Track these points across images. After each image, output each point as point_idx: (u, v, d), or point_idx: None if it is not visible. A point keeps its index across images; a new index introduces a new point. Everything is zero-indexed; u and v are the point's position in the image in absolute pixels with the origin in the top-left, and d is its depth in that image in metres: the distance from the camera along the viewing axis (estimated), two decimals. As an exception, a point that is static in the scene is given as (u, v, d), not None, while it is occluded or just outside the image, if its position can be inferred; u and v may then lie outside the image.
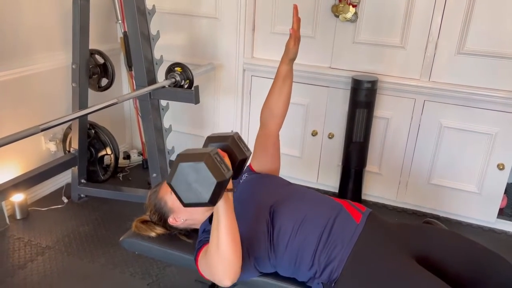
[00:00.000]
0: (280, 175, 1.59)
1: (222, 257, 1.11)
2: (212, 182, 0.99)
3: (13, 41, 2.37)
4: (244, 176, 1.56)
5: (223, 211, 1.09)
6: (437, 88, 2.40)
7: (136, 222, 1.47)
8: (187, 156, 1.02)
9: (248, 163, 1.61)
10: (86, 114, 2.30)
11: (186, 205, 1.03)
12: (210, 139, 1.20)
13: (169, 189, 1.38)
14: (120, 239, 1.51)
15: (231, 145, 1.18)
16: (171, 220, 1.40)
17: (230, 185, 1.09)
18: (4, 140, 1.57)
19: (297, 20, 1.42)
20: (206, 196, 1.00)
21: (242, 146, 1.21)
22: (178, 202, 1.35)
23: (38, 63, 2.50)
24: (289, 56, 1.47)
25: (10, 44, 2.35)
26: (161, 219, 1.42)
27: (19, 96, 2.43)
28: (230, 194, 1.11)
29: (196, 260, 1.27)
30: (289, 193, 1.39)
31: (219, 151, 1.14)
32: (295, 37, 1.43)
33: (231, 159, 1.17)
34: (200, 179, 0.99)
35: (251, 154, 1.24)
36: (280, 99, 1.53)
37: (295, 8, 1.43)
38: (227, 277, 1.12)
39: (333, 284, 1.24)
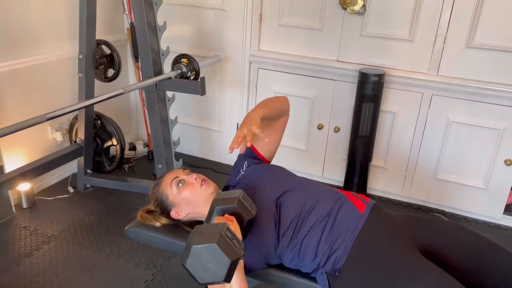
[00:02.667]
0: (282, 167, 1.59)
1: None
2: (226, 262, 1.00)
3: (21, 31, 2.37)
4: (245, 165, 1.52)
5: (236, 281, 1.10)
6: (445, 83, 2.38)
7: (141, 212, 1.47)
8: (199, 237, 1.03)
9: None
10: (92, 104, 2.30)
11: (201, 284, 1.05)
12: (217, 202, 1.21)
13: (169, 183, 1.37)
14: (125, 228, 1.51)
15: (238, 207, 1.18)
16: (173, 214, 1.39)
17: None
18: (11, 128, 1.58)
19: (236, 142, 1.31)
20: (221, 275, 1.01)
21: (248, 206, 1.21)
22: (179, 196, 1.36)
23: (45, 53, 2.51)
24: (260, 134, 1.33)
25: (18, 34, 2.36)
26: (164, 212, 1.42)
27: (26, 86, 2.44)
28: (241, 261, 1.12)
29: None
30: (294, 186, 1.39)
31: (227, 216, 1.16)
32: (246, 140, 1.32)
33: (239, 220, 1.17)
34: (214, 259, 1.00)
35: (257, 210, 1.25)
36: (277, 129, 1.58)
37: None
38: None
39: (337, 274, 1.24)
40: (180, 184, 1.37)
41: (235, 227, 1.13)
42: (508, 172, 2.40)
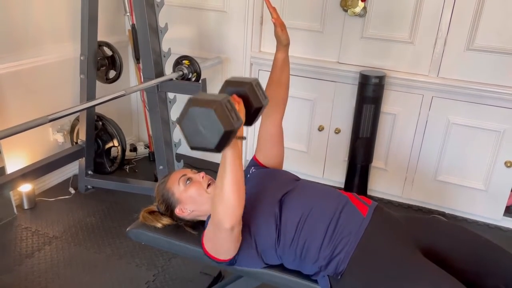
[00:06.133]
0: (286, 170, 1.60)
1: (224, 201, 1.13)
2: (220, 130, 0.99)
3: (23, 32, 2.38)
4: (252, 170, 1.56)
5: (230, 159, 1.11)
6: (445, 84, 2.39)
7: (143, 213, 1.49)
8: (198, 101, 1.03)
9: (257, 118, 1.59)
10: (94, 105, 2.31)
11: (192, 148, 1.04)
12: (229, 83, 1.20)
13: (177, 181, 1.39)
14: (127, 229, 1.52)
15: (248, 92, 1.16)
16: (177, 211, 1.41)
17: (240, 132, 1.11)
18: (13, 129, 1.58)
19: (272, 9, 1.48)
20: (213, 142, 1.01)
21: (260, 94, 1.19)
22: (185, 193, 1.38)
23: (47, 54, 2.52)
24: (282, 42, 1.51)
25: (20, 35, 2.37)
26: (168, 209, 1.43)
27: (27, 87, 2.45)
28: (239, 142, 1.12)
29: (202, 236, 1.31)
30: (296, 187, 1.40)
31: (235, 97, 1.14)
32: (279, 24, 1.48)
33: (247, 106, 1.16)
34: (209, 125, 1.00)
35: (268, 103, 1.24)
36: (281, 85, 1.55)
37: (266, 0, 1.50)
38: (227, 220, 1.15)
39: (339, 277, 1.24)
40: (187, 182, 1.39)
41: (240, 109, 1.13)
42: (508, 174, 2.41)
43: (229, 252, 1.27)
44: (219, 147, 1.02)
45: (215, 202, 1.16)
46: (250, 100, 1.17)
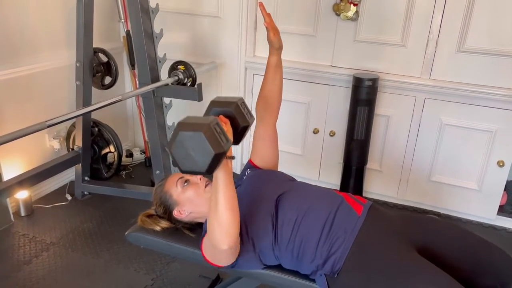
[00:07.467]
0: (281, 171, 1.62)
1: (219, 222, 1.15)
2: (210, 153, 1.00)
3: (19, 40, 2.39)
4: (247, 172, 1.58)
5: (222, 179, 1.12)
6: (437, 86, 2.42)
7: (142, 216, 1.50)
8: (187, 125, 1.03)
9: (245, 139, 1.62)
10: (90, 111, 2.31)
11: (184, 172, 1.05)
12: (214, 104, 1.20)
13: (175, 183, 1.41)
14: (126, 233, 1.53)
15: (234, 112, 1.18)
16: (176, 213, 1.42)
17: (230, 152, 1.12)
18: (11, 136, 1.59)
19: (266, 15, 1.51)
20: (204, 166, 1.01)
21: (246, 113, 1.21)
22: (183, 195, 1.40)
23: (42, 61, 2.52)
24: (275, 46, 1.55)
25: (16, 43, 2.38)
26: (166, 211, 1.44)
27: (24, 94, 2.45)
28: (229, 162, 1.13)
29: (201, 242, 1.32)
30: (292, 187, 1.42)
31: (221, 117, 1.16)
32: (271, 29, 1.51)
33: (233, 126, 1.17)
34: (199, 148, 1.00)
35: (254, 121, 1.26)
36: (274, 88, 1.59)
37: (261, 5, 1.55)
38: (224, 241, 1.16)
39: (335, 275, 1.26)
40: (185, 184, 1.41)
41: (228, 129, 1.14)
42: (501, 173, 2.44)
43: (228, 260, 1.29)
44: (210, 170, 1.03)
45: (211, 224, 1.18)
46: (237, 120, 1.18)
